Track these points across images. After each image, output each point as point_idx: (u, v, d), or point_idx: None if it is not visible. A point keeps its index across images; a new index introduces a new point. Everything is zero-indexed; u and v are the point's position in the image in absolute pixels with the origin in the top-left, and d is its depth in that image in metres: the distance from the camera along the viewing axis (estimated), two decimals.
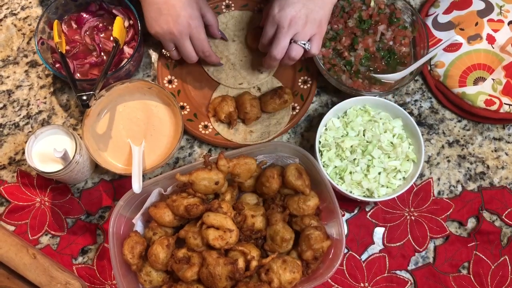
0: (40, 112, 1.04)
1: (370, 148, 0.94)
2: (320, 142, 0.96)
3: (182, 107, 1.03)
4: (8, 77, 1.06)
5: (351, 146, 0.95)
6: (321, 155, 0.96)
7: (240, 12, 1.08)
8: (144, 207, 0.92)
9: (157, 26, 0.92)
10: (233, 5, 1.09)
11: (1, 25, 1.10)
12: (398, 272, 0.96)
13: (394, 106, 0.97)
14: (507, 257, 0.96)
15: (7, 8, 1.11)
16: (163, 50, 1.04)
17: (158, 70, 1.04)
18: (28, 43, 1.08)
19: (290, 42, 0.91)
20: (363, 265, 0.96)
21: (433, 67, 1.04)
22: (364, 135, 0.96)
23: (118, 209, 0.89)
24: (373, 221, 0.98)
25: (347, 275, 0.95)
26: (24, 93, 1.05)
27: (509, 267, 0.96)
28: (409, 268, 0.96)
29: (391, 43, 1.03)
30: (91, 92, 0.88)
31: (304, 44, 0.91)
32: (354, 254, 0.96)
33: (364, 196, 0.94)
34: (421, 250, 0.97)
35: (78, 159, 0.89)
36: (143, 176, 0.91)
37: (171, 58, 1.00)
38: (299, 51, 0.91)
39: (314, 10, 0.89)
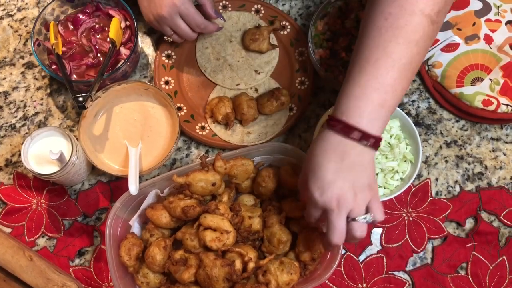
0: (36, 113, 1.03)
1: None
2: None
3: (179, 108, 1.02)
4: (4, 78, 1.05)
5: None
6: None
7: (237, 12, 1.08)
8: (141, 209, 0.92)
9: (149, 14, 0.93)
10: (230, 5, 1.08)
11: None
12: (396, 273, 0.96)
13: None
14: (505, 258, 0.96)
15: (3, 9, 1.11)
16: (165, 37, 1.05)
17: (155, 71, 1.04)
18: (24, 44, 1.07)
19: (348, 221, 0.76)
20: (361, 266, 0.96)
21: (431, 67, 1.04)
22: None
23: (115, 211, 0.89)
24: None
25: (345, 276, 0.95)
26: (21, 94, 1.04)
27: (507, 268, 0.96)
28: (407, 269, 0.96)
29: None
30: (88, 94, 0.88)
31: (365, 218, 0.77)
32: (351, 255, 0.96)
33: None
34: (419, 250, 0.96)
35: (75, 161, 0.89)
36: (140, 177, 0.90)
37: (175, 42, 1.01)
38: (363, 228, 0.77)
39: (356, 178, 0.75)
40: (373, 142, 0.75)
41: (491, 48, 1.02)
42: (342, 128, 0.75)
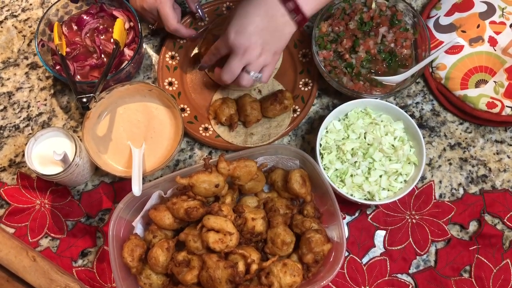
0: (40, 114, 1.03)
1: (371, 150, 0.94)
2: (321, 144, 0.96)
3: (183, 109, 1.02)
4: (8, 79, 1.05)
5: (352, 149, 0.95)
6: (322, 158, 0.95)
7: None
8: (144, 210, 0.92)
9: (134, 3, 1.00)
10: (233, 6, 1.08)
11: (2, 27, 1.10)
12: (399, 275, 0.95)
13: (395, 108, 0.96)
14: (509, 261, 0.95)
15: (8, 10, 1.11)
16: (149, 25, 1.08)
17: (159, 72, 1.04)
18: (28, 45, 1.08)
19: (242, 70, 0.90)
20: (364, 268, 0.95)
21: (435, 69, 1.04)
22: (365, 137, 0.96)
23: (118, 212, 0.89)
24: (374, 224, 0.97)
25: (348, 278, 0.95)
26: (25, 95, 1.04)
27: (511, 271, 0.95)
28: (410, 271, 0.95)
29: (392, 45, 1.02)
30: (91, 94, 0.88)
31: (256, 75, 0.90)
32: (355, 257, 0.96)
33: (365, 199, 0.94)
34: (422, 253, 0.96)
35: (78, 162, 0.89)
36: (143, 178, 0.90)
37: (178, 38, 1.06)
38: (249, 82, 0.92)
39: (270, 42, 0.87)
40: (300, 19, 0.86)
41: (495, 50, 1.01)
42: None
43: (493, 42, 1.02)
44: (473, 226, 0.98)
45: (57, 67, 0.99)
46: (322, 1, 0.87)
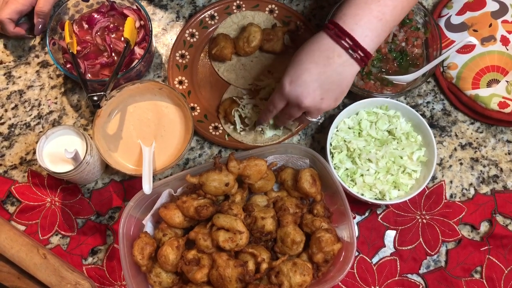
0: (51, 112, 1.04)
1: (382, 150, 0.94)
2: (331, 144, 0.96)
3: (193, 108, 1.02)
4: (19, 77, 1.06)
5: (363, 148, 0.94)
6: (332, 157, 0.95)
7: (252, 12, 1.08)
8: (154, 208, 0.92)
9: None
10: (244, 5, 1.08)
11: None
12: (409, 275, 0.95)
13: (406, 107, 0.96)
14: None
15: None
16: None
17: (169, 71, 1.04)
18: (39, 43, 1.08)
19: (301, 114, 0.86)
20: (374, 268, 0.95)
21: (446, 68, 1.03)
22: (375, 136, 0.96)
23: (128, 210, 0.89)
24: (384, 224, 0.97)
25: (358, 278, 0.95)
26: (35, 93, 1.05)
27: None
28: (420, 271, 0.95)
29: (403, 44, 1.02)
30: (102, 93, 0.88)
31: (317, 120, 0.89)
32: (365, 257, 0.95)
33: (375, 198, 0.93)
34: (432, 253, 0.96)
35: (89, 160, 0.89)
36: (153, 177, 0.90)
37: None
38: (307, 123, 0.92)
39: (330, 88, 0.79)
40: (361, 56, 0.77)
41: (507, 49, 1.01)
42: (336, 32, 0.77)
43: (505, 41, 1.01)
44: (484, 227, 0.97)
45: (68, 66, 0.99)
46: (383, 30, 0.78)
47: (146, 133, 0.96)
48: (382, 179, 0.93)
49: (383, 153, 0.94)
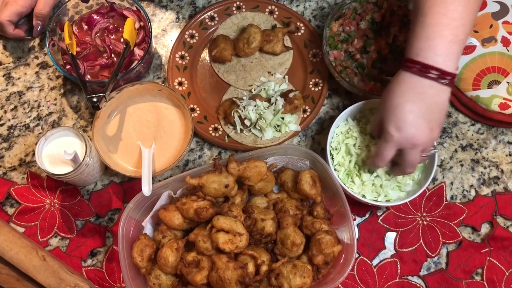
0: (50, 113, 1.04)
1: None
2: (331, 145, 0.95)
3: (192, 109, 1.02)
4: (19, 78, 1.06)
5: (363, 149, 0.94)
6: (332, 158, 0.95)
7: (251, 13, 1.08)
8: (154, 210, 0.92)
9: None
10: (244, 6, 1.08)
11: None
12: (410, 277, 0.95)
13: None
14: None
15: None
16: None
17: (169, 72, 1.04)
18: (39, 44, 1.08)
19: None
20: (374, 270, 0.95)
21: None
22: (375, 138, 0.95)
23: (128, 212, 0.88)
24: (385, 225, 0.97)
25: (358, 280, 0.94)
26: (35, 94, 1.05)
27: None
28: (421, 273, 0.95)
29: (404, 45, 1.02)
30: (102, 94, 0.88)
31: (432, 151, 0.87)
32: (365, 259, 0.95)
33: (375, 200, 0.93)
34: (433, 255, 0.95)
35: (88, 161, 0.89)
36: (152, 178, 0.90)
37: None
38: (425, 159, 0.90)
39: (433, 119, 0.81)
40: (450, 79, 0.79)
41: (508, 50, 1.00)
42: (419, 68, 0.79)
43: (506, 42, 1.01)
44: (485, 228, 0.97)
45: (67, 67, 0.99)
46: (460, 48, 0.80)
47: (146, 135, 0.96)
48: (382, 181, 0.92)
49: None
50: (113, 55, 1.00)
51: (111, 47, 1.00)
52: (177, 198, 0.91)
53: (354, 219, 0.97)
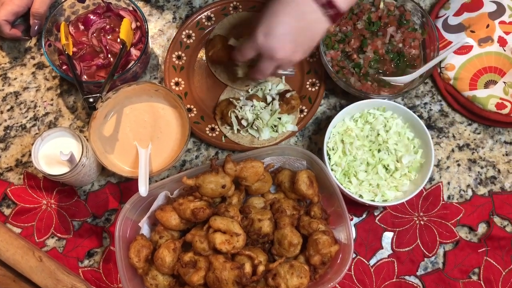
0: (46, 114, 1.03)
1: (378, 151, 0.93)
2: (328, 145, 0.95)
3: (189, 110, 1.02)
4: (15, 78, 1.05)
5: (360, 149, 0.94)
6: (329, 158, 0.95)
7: (248, 13, 1.08)
8: (151, 210, 0.91)
9: None
10: (240, 6, 1.08)
11: None
12: (407, 277, 0.95)
13: (403, 109, 0.96)
14: None
15: None
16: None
17: (165, 72, 1.04)
18: (35, 44, 1.08)
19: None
20: (372, 270, 0.95)
21: (443, 69, 1.03)
22: (372, 137, 0.95)
23: (125, 212, 0.88)
24: (382, 225, 0.97)
25: (355, 280, 0.94)
26: (31, 95, 1.04)
27: None
28: (418, 273, 0.95)
29: (400, 45, 1.02)
30: (98, 94, 0.87)
31: (290, 72, 0.90)
32: (362, 259, 0.95)
33: (372, 200, 0.93)
34: (430, 255, 0.95)
35: (85, 162, 0.88)
36: (149, 179, 0.90)
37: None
38: (278, 75, 0.93)
39: (302, 42, 0.84)
40: (334, 13, 0.80)
41: (505, 50, 1.00)
42: None
43: (502, 42, 1.01)
44: (482, 228, 0.97)
45: (64, 67, 0.99)
46: None
47: (143, 135, 0.96)
48: (379, 181, 0.93)
49: (380, 155, 0.93)
50: (109, 56, 1.00)
51: (107, 47, 1.00)
52: (174, 199, 0.91)
53: (351, 219, 0.97)
